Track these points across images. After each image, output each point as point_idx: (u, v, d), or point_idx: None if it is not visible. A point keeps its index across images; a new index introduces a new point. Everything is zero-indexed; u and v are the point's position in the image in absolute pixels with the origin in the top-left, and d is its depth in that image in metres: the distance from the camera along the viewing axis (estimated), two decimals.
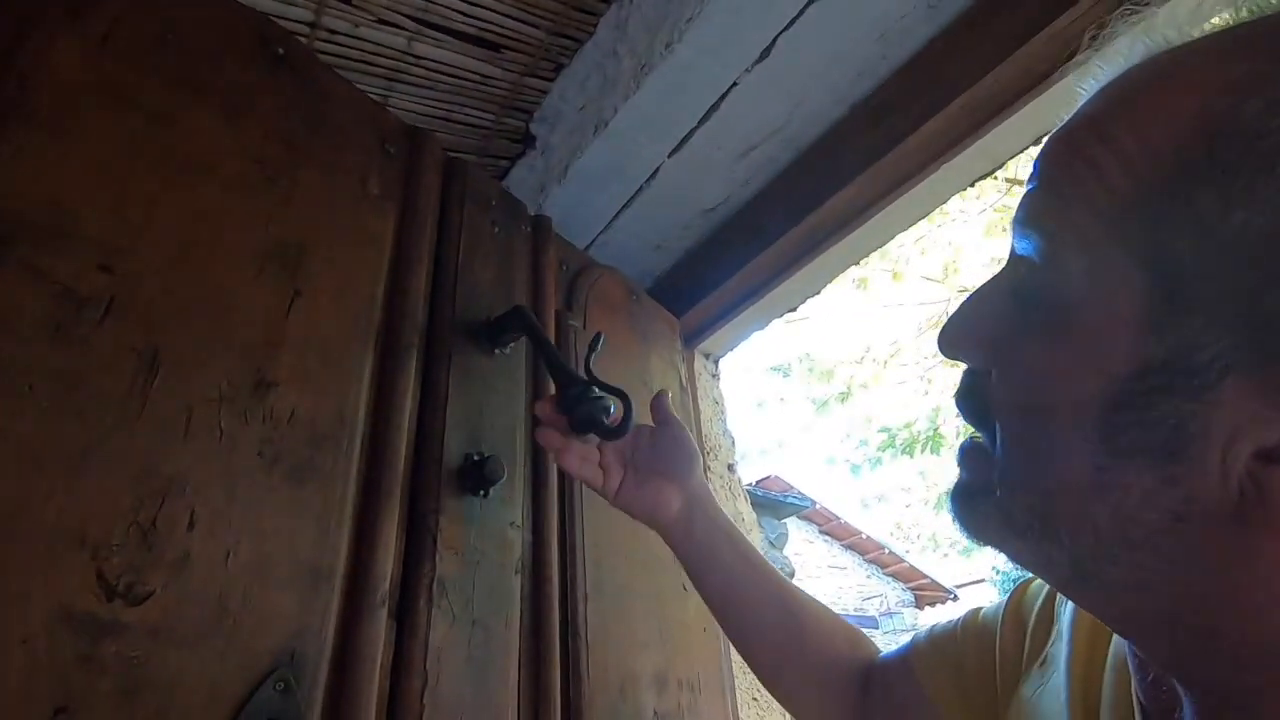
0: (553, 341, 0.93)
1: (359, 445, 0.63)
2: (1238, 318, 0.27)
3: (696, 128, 1.15)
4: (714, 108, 1.12)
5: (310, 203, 0.68)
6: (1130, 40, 0.35)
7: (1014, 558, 0.37)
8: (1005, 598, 0.56)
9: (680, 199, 1.29)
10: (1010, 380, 0.35)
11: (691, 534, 0.71)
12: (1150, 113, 0.31)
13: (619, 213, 1.31)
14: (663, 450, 0.74)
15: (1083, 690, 0.44)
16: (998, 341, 0.36)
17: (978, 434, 0.38)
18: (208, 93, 0.65)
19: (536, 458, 0.84)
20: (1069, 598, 0.46)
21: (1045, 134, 1.17)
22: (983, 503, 0.36)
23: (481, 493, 0.74)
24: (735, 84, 1.08)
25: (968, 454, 0.39)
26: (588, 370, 0.75)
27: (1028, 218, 0.34)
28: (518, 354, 0.83)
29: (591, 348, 0.78)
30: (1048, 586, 0.52)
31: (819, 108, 1.16)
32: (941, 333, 0.39)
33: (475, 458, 0.74)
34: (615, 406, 0.73)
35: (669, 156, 1.20)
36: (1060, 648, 0.47)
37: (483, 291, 0.85)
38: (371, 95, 1.15)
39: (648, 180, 1.25)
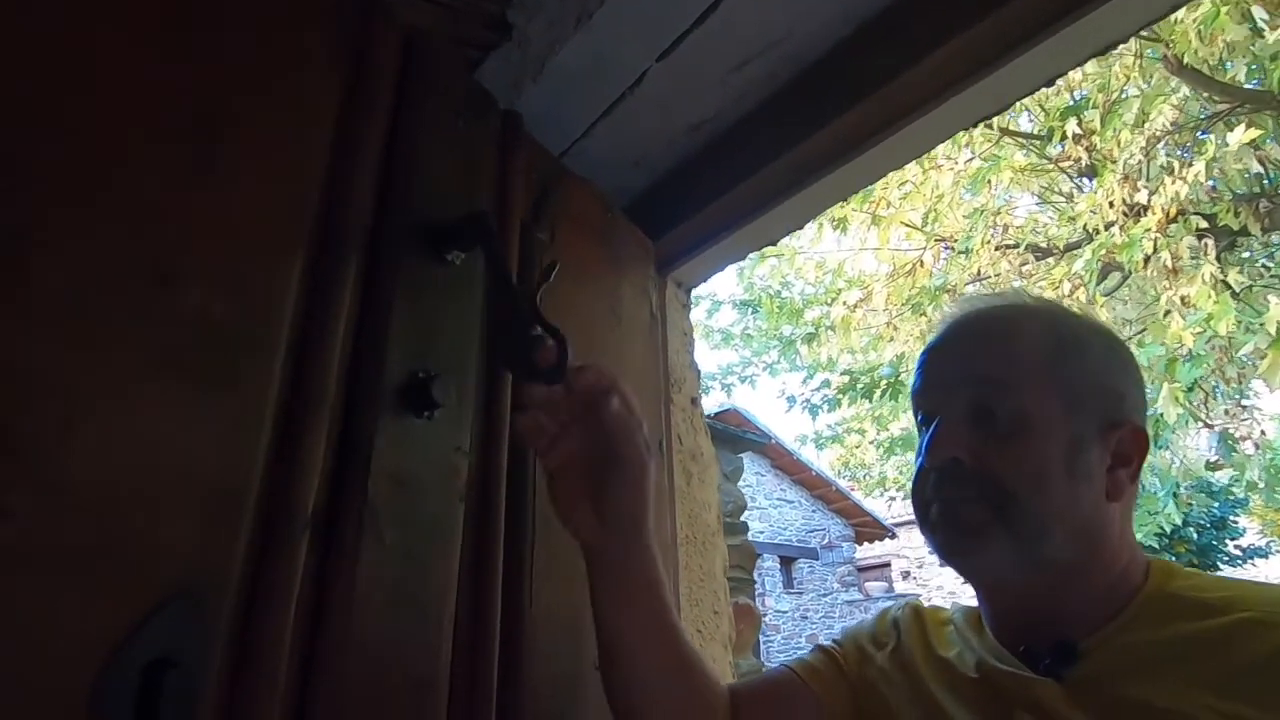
0: (515, 253, 0.84)
1: (283, 354, 0.55)
2: (1094, 413, 0.62)
3: (691, 29, 1.04)
4: (712, 8, 1.01)
5: (233, 60, 0.57)
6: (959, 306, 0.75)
7: (991, 564, 0.62)
8: (840, 637, 0.79)
9: (666, 111, 1.18)
10: (1017, 456, 0.61)
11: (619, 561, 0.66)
12: (1025, 330, 0.67)
13: (597, 120, 1.20)
14: (604, 437, 0.64)
15: (919, 646, 0.72)
16: (972, 445, 0.63)
17: (950, 497, 0.63)
18: None
19: (489, 379, 0.77)
20: (994, 586, 0.67)
21: (1058, 76, 1.10)
22: (991, 530, 0.60)
23: (426, 414, 0.67)
24: None
25: (961, 512, 0.62)
26: (535, 302, 0.66)
27: (980, 377, 0.65)
28: (473, 264, 0.75)
29: (545, 278, 0.70)
30: (868, 623, 0.79)
31: (825, 22, 1.05)
32: (938, 449, 0.63)
33: (421, 375, 0.67)
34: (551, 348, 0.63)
35: (657, 60, 1.09)
36: (893, 636, 0.75)
37: (440, 191, 0.76)
38: None
39: (632, 86, 1.14)
